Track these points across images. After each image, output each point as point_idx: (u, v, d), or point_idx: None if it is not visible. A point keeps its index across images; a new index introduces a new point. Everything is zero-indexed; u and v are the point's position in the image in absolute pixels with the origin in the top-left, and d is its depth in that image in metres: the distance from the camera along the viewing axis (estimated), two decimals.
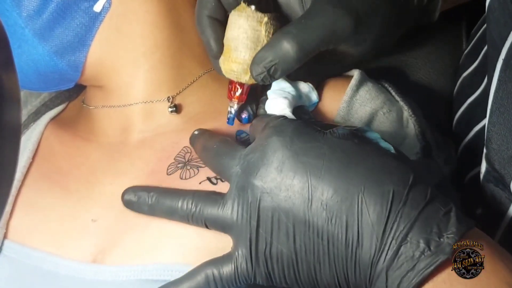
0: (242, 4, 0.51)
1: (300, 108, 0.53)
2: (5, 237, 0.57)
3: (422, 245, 0.41)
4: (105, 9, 0.57)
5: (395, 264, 0.41)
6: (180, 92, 0.59)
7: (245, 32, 0.51)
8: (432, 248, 0.40)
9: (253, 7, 0.51)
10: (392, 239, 0.41)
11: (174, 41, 0.59)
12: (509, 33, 0.45)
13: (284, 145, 0.45)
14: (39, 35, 0.57)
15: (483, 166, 0.51)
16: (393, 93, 0.59)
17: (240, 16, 0.51)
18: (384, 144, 0.47)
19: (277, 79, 0.50)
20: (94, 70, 0.59)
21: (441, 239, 0.41)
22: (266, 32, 0.50)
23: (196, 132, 0.53)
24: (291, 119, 0.48)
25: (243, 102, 0.54)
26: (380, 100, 0.57)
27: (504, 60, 0.46)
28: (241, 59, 0.51)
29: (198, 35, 0.55)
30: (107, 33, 0.57)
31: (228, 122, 0.54)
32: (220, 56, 0.53)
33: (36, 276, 0.54)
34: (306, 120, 0.51)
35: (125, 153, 0.59)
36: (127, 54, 0.58)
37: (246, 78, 0.52)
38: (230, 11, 0.53)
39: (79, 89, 0.67)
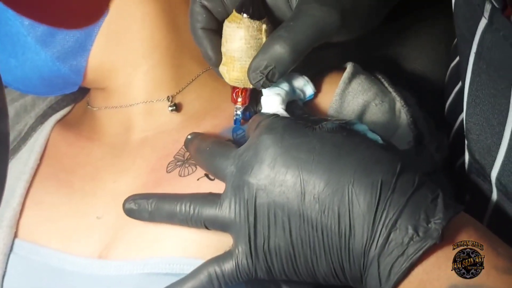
0: (235, 13, 0.52)
1: (293, 103, 0.54)
2: (15, 236, 0.57)
3: (410, 231, 0.41)
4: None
5: (386, 251, 0.42)
6: (179, 91, 0.60)
7: (247, 42, 0.51)
8: (420, 233, 0.41)
9: (245, 15, 0.51)
10: (383, 226, 0.42)
11: (172, 41, 0.60)
12: (477, 27, 0.45)
13: (275, 142, 0.45)
14: (41, 42, 0.57)
15: (466, 156, 0.51)
16: (386, 84, 0.58)
17: (240, 28, 0.52)
18: (371, 135, 0.47)
19: (275, 81, 0.50)
20: (96, 73, 0.60)
21: (429, 225, 0.41)
22: (266, 38, 0.51)
23: (189, 137, 0.54)
24: (282, 117, 0.49)
25: (246, 104, 0.55)
26: (372, 91, 0.56)
27: (476, 53, 0.46)
28: (247, 67, 0.51)
29: None
30: (106, 37, 0.58)
31: (234, 124, 0.55)
32: (219, 64, 0.54)
33: (44, 273, 0.55)
34: (297, 116, 0.51)
35: (127, 152, 0.59)
36: (126, 56, 0.59)
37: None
38: (221, 20, 0.53)
39: (85, 91, 0.67)
